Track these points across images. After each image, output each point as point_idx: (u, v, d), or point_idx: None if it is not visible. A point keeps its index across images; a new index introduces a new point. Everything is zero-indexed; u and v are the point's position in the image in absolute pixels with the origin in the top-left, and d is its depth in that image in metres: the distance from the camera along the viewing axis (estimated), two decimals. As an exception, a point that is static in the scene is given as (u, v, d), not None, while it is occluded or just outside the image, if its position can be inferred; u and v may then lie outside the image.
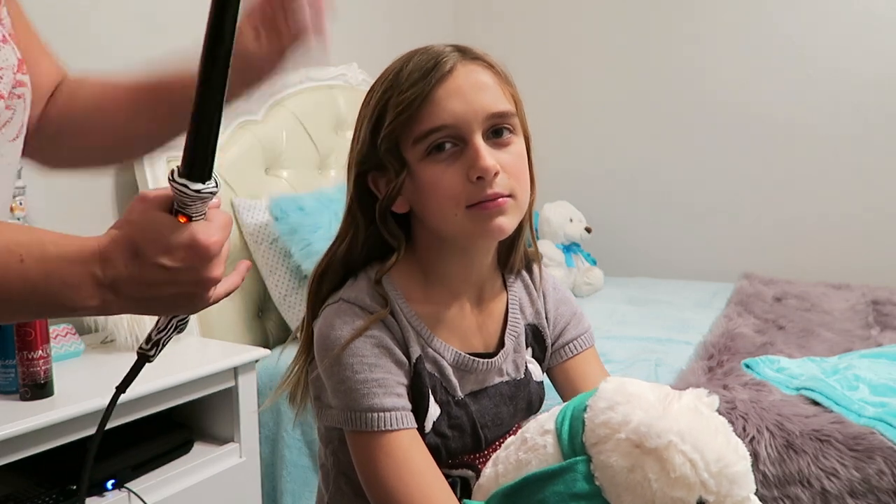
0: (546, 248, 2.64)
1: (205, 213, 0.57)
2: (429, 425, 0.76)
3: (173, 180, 0.55)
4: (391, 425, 0.71)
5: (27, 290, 0.54)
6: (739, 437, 1.36)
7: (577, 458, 0.63)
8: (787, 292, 2.42)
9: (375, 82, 0.78)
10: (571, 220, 2.72)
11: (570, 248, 2.71)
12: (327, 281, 0.80)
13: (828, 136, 2.65)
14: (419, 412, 0.75)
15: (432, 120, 0.72)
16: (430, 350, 0.77)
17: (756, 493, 1.45)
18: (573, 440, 0.64)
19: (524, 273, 0.89)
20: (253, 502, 1.56)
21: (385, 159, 0.74)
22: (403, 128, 0.73)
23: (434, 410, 0.76)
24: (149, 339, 0.64)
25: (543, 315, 0.88)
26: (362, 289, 0.77)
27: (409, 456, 0.71)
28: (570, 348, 0.89)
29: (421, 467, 0.71)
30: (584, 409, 0.65)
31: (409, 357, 0.76)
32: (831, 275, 2.64)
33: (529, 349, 0.86)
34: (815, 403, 1.47)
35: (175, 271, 0.56)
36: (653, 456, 0.58)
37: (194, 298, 0.59)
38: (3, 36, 0.76)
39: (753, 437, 1.37)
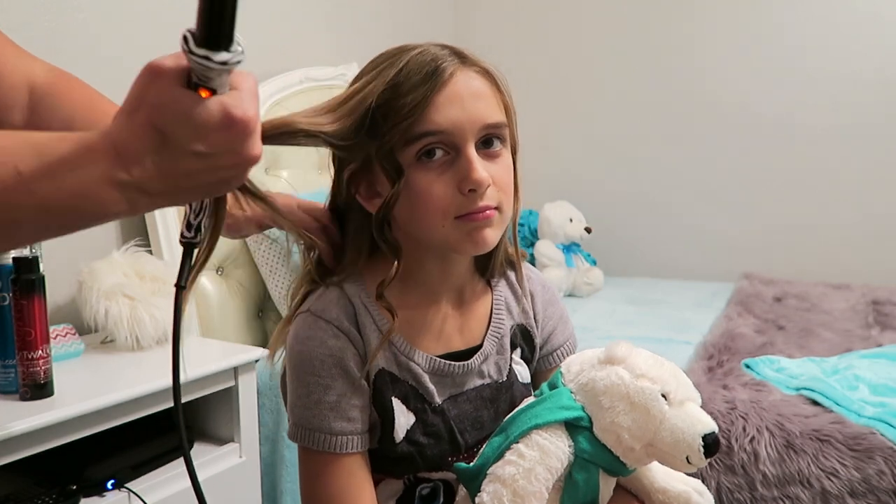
0: (546, 248, 2.64)
1: (228, 84, 0.50)
2: (401, 434, 0.75)
3: (191, 52, 0.47)
4: (337, 449, 0.73)
5: (39, 210, 0.45)
6: (739, 437, 1.38)
7: (560, 388, 0.75)
8: (787, 292, 2.43)
9: (369, 75, 0.74)
10: (571, 220, 2.72)
11: (570, 248, 2.71)
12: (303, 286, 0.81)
13: (828, 136, 2.65)
14: (385, 425, 0.76)
15: (428, 124, 0.70)
16: (402, 358, 0.77)
17: (756, 493, 1.46)
18: (552, 384, 0.76)
19: (509, 273, 0.87)
20: (253, 502, 1.56)
21: (381, 163, 0.72)
22: (401, 131, 0.71)
23: (406, 419, 0.76)
24: (189, 225, 0.59)
25: (531, 315, 0.87)
26: (330, 299, 0.76)
27: (351, 483, 0.73)
28: (556, 356, 0.88)
29: (356, 496, 0.73)
30: (558, 374, 0.77)
31: (369, 374, 0.75)
32: (831, 275, 2.65)
33: (518, 350, 0.85)
34: (815, 403, 1.48)
35: (212, 157, 0.48)
36: (621, 365, 0.72)
37: (232, 181, 0.52)
38: None
39: (753, 437, 1.38)
